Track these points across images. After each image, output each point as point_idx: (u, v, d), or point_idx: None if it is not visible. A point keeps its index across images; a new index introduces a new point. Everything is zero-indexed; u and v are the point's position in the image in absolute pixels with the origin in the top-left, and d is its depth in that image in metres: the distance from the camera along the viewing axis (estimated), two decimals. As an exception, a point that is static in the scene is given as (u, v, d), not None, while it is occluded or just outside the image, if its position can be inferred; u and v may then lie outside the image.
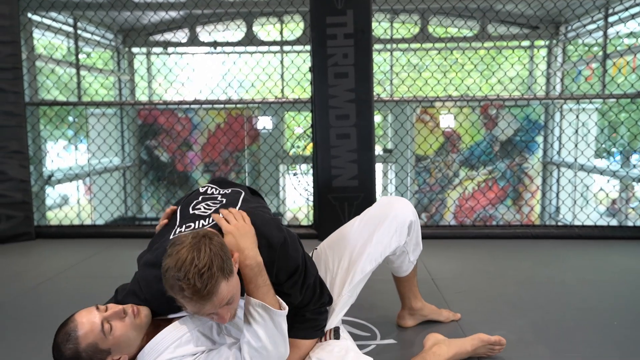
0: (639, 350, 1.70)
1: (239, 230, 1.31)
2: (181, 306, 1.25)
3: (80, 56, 5.90)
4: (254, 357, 1.29)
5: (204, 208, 1.48)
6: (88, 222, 4.95)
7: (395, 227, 1.62)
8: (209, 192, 1.59)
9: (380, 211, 1.66)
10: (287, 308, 1.35)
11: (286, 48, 7.39)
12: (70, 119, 6.57)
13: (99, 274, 2.62)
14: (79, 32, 5.59)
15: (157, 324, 1.37)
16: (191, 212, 1.47)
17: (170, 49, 7.33)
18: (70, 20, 5.35)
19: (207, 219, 1.40)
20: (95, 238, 3.35)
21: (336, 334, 1.55)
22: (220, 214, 1.37)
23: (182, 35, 7.27)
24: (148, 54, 7.67)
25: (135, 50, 7.55)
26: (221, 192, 1.58)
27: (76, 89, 5.34)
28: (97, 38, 6.36)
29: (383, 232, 1.61)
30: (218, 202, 1.51)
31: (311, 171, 3.25)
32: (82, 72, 5.75)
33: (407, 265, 1.75)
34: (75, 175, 5.23)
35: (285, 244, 1.39)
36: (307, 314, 1.49)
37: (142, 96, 7.60)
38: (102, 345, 1.26)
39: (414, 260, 1.75)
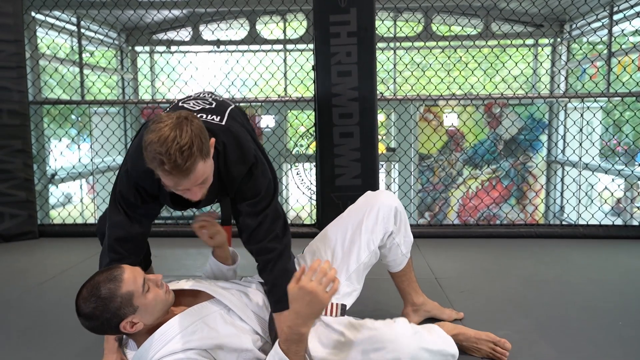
0: (644, 350, 1.69)
1: (311, 295, 1.20)
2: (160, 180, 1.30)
3: (84, 55, 5.91)
4: None
5: (193, 104, 1.55)
6: (91, 220, 4.96)
7: (382, 215, 1.66)
8: (201, 95, 1.67)
9: (366, 202, 1.72)
10: None
11: (289, 46, 7.38)
12: (74, 117, 6.59)
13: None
14: (82, 30, 5.60)
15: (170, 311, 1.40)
16: (180, 104, 1.57)
17: (173, 48, 7.34)
18: (74, 19, 5.36)
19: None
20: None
21: (343, 310, 1.54)
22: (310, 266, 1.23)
23: (185, 34, 7.28)
24: (151, 53, 7.68)
25: (138, 48, 7.56)
26: (213, 97, 1.66)
27: (79, 88, 5.35)
28: (101, 37, 6.37)
29: (370, 221, 1.66)
30: (207, 103, 1.57)
31: (314, 170, 3.24)
32: (86, 71, 5.76)
33: (400, 258, 1.76)
34: (78, 174, 5.24)
35: (257, 165, 1.47)
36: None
37: (145, 95, 7.61)
38: (135, 301, 1.29)
39: (406, 252, 1.76)
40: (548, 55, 7.84)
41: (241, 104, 7.03)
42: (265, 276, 1.52)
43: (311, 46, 4.34)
